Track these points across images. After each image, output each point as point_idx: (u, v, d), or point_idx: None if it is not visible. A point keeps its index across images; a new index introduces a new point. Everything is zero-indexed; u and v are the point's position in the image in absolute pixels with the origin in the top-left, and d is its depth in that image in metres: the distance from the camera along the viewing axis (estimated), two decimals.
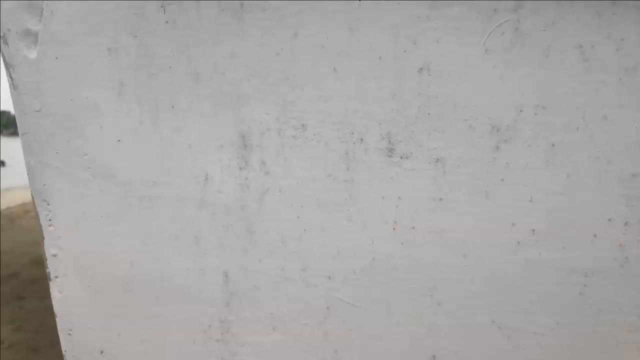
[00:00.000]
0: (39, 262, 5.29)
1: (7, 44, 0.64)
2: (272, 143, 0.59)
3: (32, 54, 0.64)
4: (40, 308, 3.78)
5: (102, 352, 0.69)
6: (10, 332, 3.36)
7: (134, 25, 0.61)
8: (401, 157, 0.55)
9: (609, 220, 0.51)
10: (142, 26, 0.61)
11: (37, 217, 0.68)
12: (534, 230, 0.54)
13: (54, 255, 0.68)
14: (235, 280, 0.62)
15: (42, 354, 3.04)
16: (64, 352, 0.69)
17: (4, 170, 21.74)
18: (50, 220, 0.67)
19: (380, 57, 0.54)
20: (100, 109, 0.63)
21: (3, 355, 3.07)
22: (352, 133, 0.56)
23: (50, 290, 0.68)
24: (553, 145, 0.51)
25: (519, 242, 0.55)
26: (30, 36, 0.63)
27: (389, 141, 0.55)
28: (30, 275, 4.95)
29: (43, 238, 0.68)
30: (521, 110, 0.52)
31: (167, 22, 0.60)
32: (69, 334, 0.69)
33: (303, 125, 0.57)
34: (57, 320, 0.69)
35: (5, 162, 23.47)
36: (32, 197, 0.68)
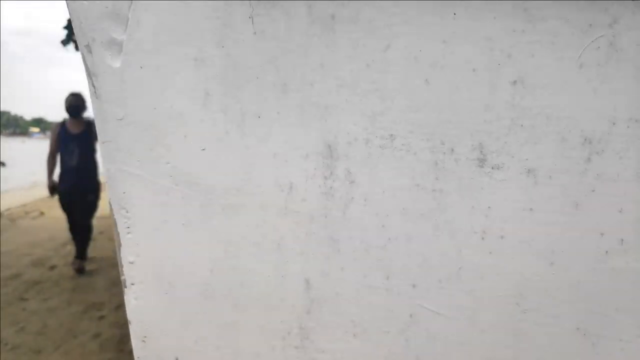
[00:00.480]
0: (41, 263, 5.27)
1: (91, 53, 0.65)
2: (358, 153, 0.60)
3: (116, 63, 0.65)
4: (42, 309, 3.78)
5: (176, 359, 0.69)
6: (13, 334, 3.35)
7: (221, 36, 0.62)
8: (492, 168, 0.56)
9: None
10: (230, 37, 0.62)
11: (114, 224, 0.69)
12: (622, 240, 0.55)
13: (131, 263, 0.69)
14: (316, 288, 0.63)
15: (45, 356, 3.04)
16: (137, 359, 0.70)
17: (4, 171, 21.64)
18: (128, 227, 0.69)
19: (474, 70, 0.55)
20: (184, 118, 0.64)
21: (6, 356, 3.06)
22: (443, 143, 0.57)
23: (125, 297, 0.69)
24: None
25: (607, 252, 0.56)
26: (115, 45, 0.64)
27: (481, 152, 0.56)
28: (32, 276, 4.94)
29: (120, 245, 0.69)
30: (614, 123, 0.53)
31: (255, 33, 0.61)
32: (143, 341, 0.70)
33: (391, 135, 0.58)
34: (131, 327, 0.70)
35: (5, 163, 23.38)
36: (110, 205, 0.69)
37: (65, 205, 4.78)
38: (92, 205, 4.90)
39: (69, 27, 6.22)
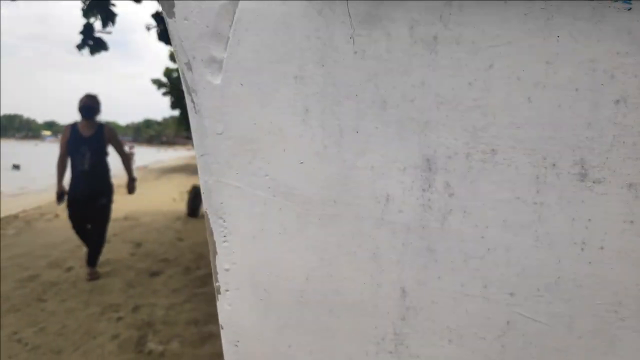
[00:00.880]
0: (57, 265, 5.31)
1: (191, 71, 0.68)
2: (458, 166, 0.62)
3: (217, 80, 0.68)
4: (61, 310, 3.82)
5: None
6: (33, 334, 3.38)
7: (322, 55, 0.65)
8: (594, 182, 0.58)
9: None
10: (330, 56, 0.65)
11: (210, 233, 0.71)
12: None
13: (227, 270, 0.72)
14: (412, 296, 0.66)
15: (65, 356, 3.07)
16: None
17: (19, 174, 21.80)
18: (225, 236, 0.72)
19: (576, 89, 0.57)
20: (284, 133, 0.67)
21: (27, 356, 3.09)
22: (545, 158, 0.59)
23: (219, 303, 0.72)
24: None
25: None
26: (215, 63, 0.67)
27: (582, 167, 0.58)
28: (49, 278, 4.98)
29: (216, 253, 0.72)
30: None
31: (355, 52, 0.64)
32: (236, 346, 0.73)
33: (493, 150, 0.61)
34: (223, 332, 0.73)
35: (20, 166, 23.54)
36: (206, 214, 0.72)
37: (76, 212, 4.57)
38: (106, 210, 4.74)
39: (84, 32, 6.23)
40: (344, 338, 0.72)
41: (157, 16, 6.17)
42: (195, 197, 8.86)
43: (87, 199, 4.49)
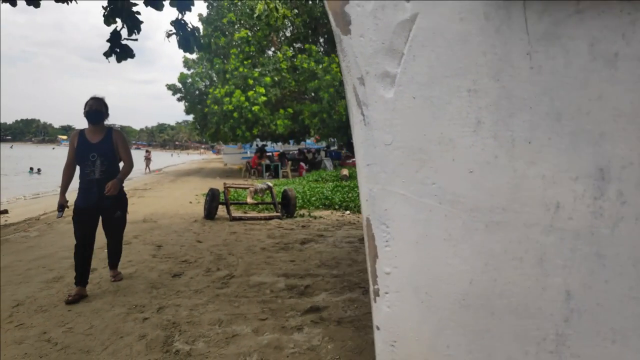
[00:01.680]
0: None
1: (364, 85, 0.70)
2: (632, 176, 0.64)
3: (389, 94, 0.70)
4: (87, 311, 3.83)
5: None
6: (61, 334, 3.39)
7: (497, 70, 0.67)
8: None
9: None
10: (506, 71, 0.67)
11: (370, 238, 0.73)
12: None
13: (387, 273, 0.74)
14: (577, 299, 0.68)
15: (94, 356, 3.07)
16: None
17: (39, 177, 21.97)
18: (387, 241, 0.73)
19: None
20: (454, 144, 0.69)
21: (57, 356, 3.09)
22: None
23: (375, 304, 0.74)
24: None
25: None
26: (388, 78, 0.69)
27: None
28: (74, 279, 4.95)
29: (377, 257, 0.74)
30: None
31: (532, 67, 0.66)
32: (392, 345, 0.75)
33: None
34: (379, 332, 0.75)
35: (41, 170, 23.69)
36: (367, 221, 0.74)
37: (83, 223, 4.17)
38: (120, 221, 4.43)
39: (111, 39, 6.25)
40: (504, 338, 0.74)
41: (177, 23, 6.21)
42: (212, 200, 8.86)
43: (98, 209, 4.15)
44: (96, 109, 4.10)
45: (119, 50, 6.34)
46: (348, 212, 9.77)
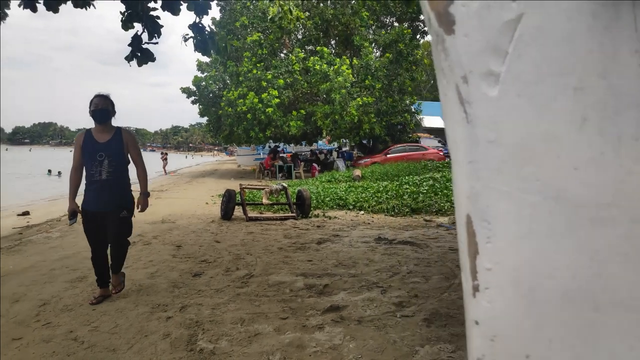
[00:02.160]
0: None
1: (467, 83, 0.71)
2: None
3: (493, 92, 0.71)
4: (111, 310, 3.86)
5: (527, 357, 0.74)
6: (87, 333, 3.42)
7: (604, 68, 0.68)
8: None
9: None
10: (613, 68, 0.68)
11: (470, 234, 0.74)
12: None
13: (488, 269, 0.74)
14: None
15: (120, 354, 3.09)
16: (480, 357, 0.74)
17: (59, 179, 22.25)
18: (488, 237, 0.74)
19: None
20: (559, 141, 0.70)
21: (84, 354, 3.12)
22: None
23: (475, 300, 0.74)
24: None
25: None
26: (492, 76, 0.70)
27: None
28: None
29: (477, 253, 0.74)
30: None
31: None
32: (492, 340, 0.75)
33: None
34: (479, 327, 0.75)
35: (61, 172, 24.00)
36: (467, 217, 0.74)
37: (92, 227, 3.88)
38: (126, 223, 4.00)
39: (132, 44, 6.29)
40: (608, 333, 0.74)
41: (195, 26, 6.25)
42: (228, 201, 8.92)
43: (104, 212, 3.81)
44: (102, 107, 3.76)
45: (139, 54, 6.40)
46: (362, 212, 9.80)
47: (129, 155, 3.90)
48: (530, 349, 0.76)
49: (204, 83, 21.25)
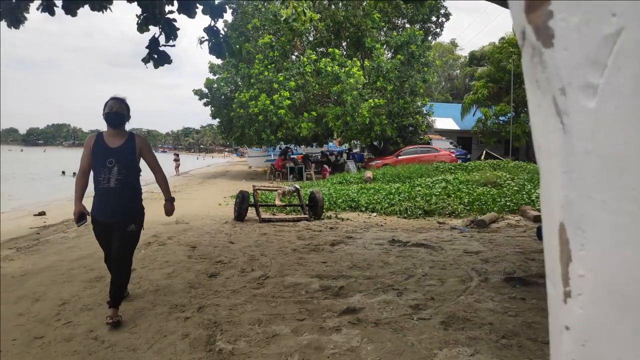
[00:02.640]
0: None
1: (565, 95, 0.66)
2: None
3: (591, 104, 0.66)
4: (130, 309, 3.81)
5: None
6: (108, 332, 3.36)
7: None
8: None
9: None
10: None
11: (563, 242, 0.72)
12: None
13: (582, 276, 0.71)
14: None
15: (141, 354, 3.05)
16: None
17: (71, 180, 22.49)
18: (582, 245, 0.74)
19: None
20: None
21: (104, 353, 3.07)
22: None
23: (567, 306, 0.71)
24: None
25: None
26: (590, 88, 0.65)
27: None
28: None
29: (570, 260, 0.69)
30: None
31: None
32: (583, 345, 0.71)
33: None
34: (569, 332, 0.74)
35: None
36: (561, 225, 0.71)
37: (101, 235, 3.63)
38: (133, 237, 3.62)
39: (150, 46, 6.27)
40: None
41: (210, 30, 6.19)
42: (241, 202, 8.88)
43: (111, 222, 3.51)
44: (117, 111, 3.49)
45: (156, 56, 6.37)
46: (374, 214, 9.73)
47: (144, 162, 3.67)
48: (623, 354, 0.71)
49: (216, 85, 21.33)
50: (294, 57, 21.46)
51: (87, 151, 3.49)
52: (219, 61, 20.95)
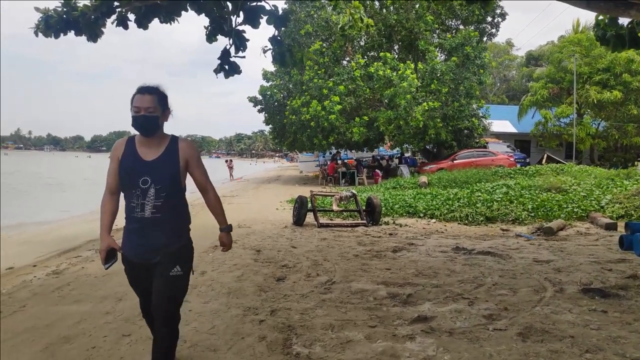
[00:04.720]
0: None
1: None
2: None
3: None
4: (206, 311, 3.97)
5: None
6: (189, 333, 3.49)
7: None
8: None
9: None
10: None
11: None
12: None
13: None
14: None
15: (221, 355, 3.13)
16: None
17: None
18: None
19: None
20: None
21: (187, 353, 3.19)
22: None
23: None
24: None
25: None
26: None
27: None
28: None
29: None
30: None
31: None
32: None
33: None
34: None
35: None
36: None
37: (135, 279, 2.62)
38: (179, 284, 2.55)
39: (221, 57, 6.51)
40: None
41: (274, 39, 6.35)
42: (300, 207, 9.00)
43: (149, 264, 2.48)
44: (146, 112, 2.39)
45: (227, 67, 6.64)
46: (433, 220, 9.53)
47: (191, 177, 2.60)
48: None
49: (269, 92, 21.78)
50: (344, 62, 21.53)
51: (114, 165, 2.45)
52: (272, 68, 21.41)
